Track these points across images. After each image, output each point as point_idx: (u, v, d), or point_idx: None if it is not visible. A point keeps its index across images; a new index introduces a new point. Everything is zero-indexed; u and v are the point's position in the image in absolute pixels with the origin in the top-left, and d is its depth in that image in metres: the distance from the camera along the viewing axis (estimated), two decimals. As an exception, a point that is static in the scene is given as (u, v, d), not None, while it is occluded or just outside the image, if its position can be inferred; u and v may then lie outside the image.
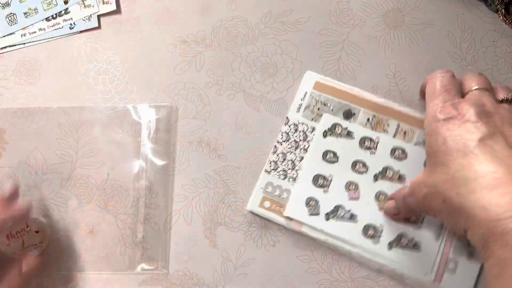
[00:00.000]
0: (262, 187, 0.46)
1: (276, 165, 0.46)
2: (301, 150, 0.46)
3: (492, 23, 0.50)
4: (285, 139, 0.47)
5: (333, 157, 0.45)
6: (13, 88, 0.52)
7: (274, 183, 0.46)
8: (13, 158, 0.50)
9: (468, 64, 0.50)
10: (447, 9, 0.51)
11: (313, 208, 0.44)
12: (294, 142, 0.47)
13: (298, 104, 0.48)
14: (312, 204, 0.44)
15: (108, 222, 0.48)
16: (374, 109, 0.47)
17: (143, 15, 0.53)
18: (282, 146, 0.47)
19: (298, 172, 0.46)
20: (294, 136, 0.47)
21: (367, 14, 0.51)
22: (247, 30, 0.52)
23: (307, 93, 0.48)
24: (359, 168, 0.45)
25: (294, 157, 0.46)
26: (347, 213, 0.44)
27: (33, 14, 0.53)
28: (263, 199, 0.46)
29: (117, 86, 0.51)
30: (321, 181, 0.45)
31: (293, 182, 0.46)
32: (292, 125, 0.47)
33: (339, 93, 0.48)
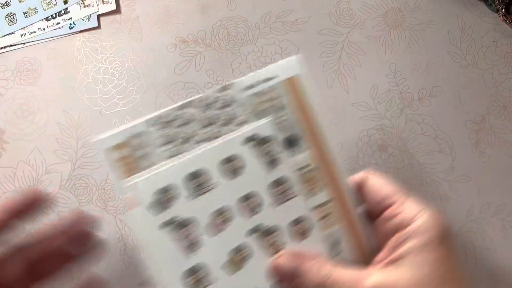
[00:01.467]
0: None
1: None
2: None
3: (492, 23, 0.50)
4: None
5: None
6: (12, 88, 0.52)
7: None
8: (13, 158, 0.50)
9: (468, 64, 0.49)
10: (447, 9, 0.51)
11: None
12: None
13: (251, 82, 0.32)
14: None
15: (107, 222, 0.48)
16: (323, 161, 0.33)
17: (143, 15, 0.53)
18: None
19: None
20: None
21: (367, 14, 0.51)
22: (247, 30, 0.52)
23: (274, 80, 0.33)
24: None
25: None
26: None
27: (33, 14, 0.53)
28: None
29: (116, 86, 0.51)
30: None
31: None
32: (231, 99, 0.32)
33: (305, 110, 0.33)
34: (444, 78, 0.49)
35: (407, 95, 0.49)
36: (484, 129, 0.48)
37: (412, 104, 0.49)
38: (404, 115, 0.49)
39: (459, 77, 0.49)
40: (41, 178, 0.49)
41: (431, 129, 0.48)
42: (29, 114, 0.51)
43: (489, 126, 0.48)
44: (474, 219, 0.47)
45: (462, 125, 0.49)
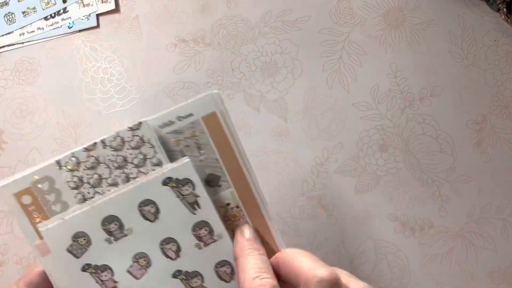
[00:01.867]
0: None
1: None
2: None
3: (494, 22, 0.50)
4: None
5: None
6: (11, 87, 0.52)
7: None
8: (12, 158, 0.50)
9: (469, 63, 0.49)
10: (448, 8, 0.51)
11: None
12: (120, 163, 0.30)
13: (168, 119, 0.30)
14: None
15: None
16: (246, 199, 0.32)
17: (142, 14, 0.52)
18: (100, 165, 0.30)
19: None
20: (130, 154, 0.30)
21: (368, 13, 0.51)
22: (247, 29, 0.51)
23: (192, 117, 0.31)
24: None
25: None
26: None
27: (32, 13, 0.53)
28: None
29: (116, 86, 0.51)
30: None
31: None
32: (144, 139, 0.30)
33: (225, 148, 0.31)
34: (445, 78, 0.49)
35: (408, 95, 0.49)
36: (485, 129, 0.48)
37: (413, 104, 0.49)
38: (405, 115, 0.49)
39: (460, 77, 0.49)
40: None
41: (432, 129, 0.48)
42: (28, 114, 0.51)
43: (490, 126, 0.48)
44: (475, 219, 0.47)
45: (463, 125, 0.48)
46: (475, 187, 0.47)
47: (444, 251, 0.47)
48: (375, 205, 0.47)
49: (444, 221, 0.47)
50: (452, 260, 0.47)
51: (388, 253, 0.47)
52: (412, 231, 0.47)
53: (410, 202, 0.47)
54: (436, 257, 0.47)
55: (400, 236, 0.47)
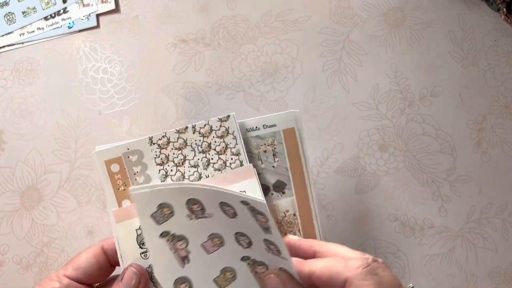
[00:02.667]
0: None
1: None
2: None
3: (494, 22, 0.50)
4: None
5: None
6: (11, 87, 0.52)
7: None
8: (12, 158, 0.50)
9: (469, 63, 0.49)
10: (448, 8, 0.51)
11: None
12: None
13: (253, 124, 0.37)
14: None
15: (107, 223, 0.47)
16: (302, 209, 0.36)
17: (142, 14, 0.52)
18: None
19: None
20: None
21: (368, 13, 0.51)
22: (247, 29, 0.51)
23: (274, 128, 0.36)
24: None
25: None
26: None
27: (32, 13, 0.53)
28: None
29: (116, 86, 0.51)
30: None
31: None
32: (229, 130, 0.35)
33: (295, 160, 0.37)
34: (445, 78, 0.49)
35: (408, 95, 0.49)
36: (486, 129, 0.48)
37: (413, 104, 0.49)
38: (405, 115, 0.49)
39: (460, 77, 0.49)
40: (40, 179, 0.49)
41: (432, 129, 0.48)
42: (27, 114, 0.51)
43: (491, 126, 0.48)
44: (475, 219, 0.47)
45: (464, 125, 0.48)
46: (475, 187, 0.47)
47: (444, 251, 0.47)
48: (375, 205, 0.47)
49: (444, 221, 0.47)
50: (452, 260, 0.47)
51: (388, 253, 0.47)
52: (412, 231, 0.47)
53: (410, 202, 0.47)
54: (436, 257, 0.47)
55: (400, 236, 0.47)
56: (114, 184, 0.34)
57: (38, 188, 0.49)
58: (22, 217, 0.49)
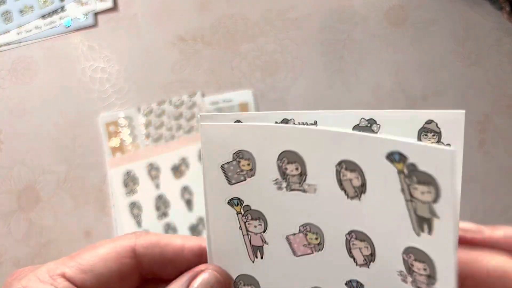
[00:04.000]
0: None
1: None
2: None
3: (496, 21, 0.50)
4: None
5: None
6: (8, 87, 0.51)
7: None
8: (9, 158, 0.49)
9: (472, 63, 0.49)
10: (450, 7, 0.50)
11: None
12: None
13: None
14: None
15: (104, 224, 0.47)
16: None
17: (141, 13, 0.52)
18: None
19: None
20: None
21: (369, 11, 0.51)
22: (247, 28, 0.51)
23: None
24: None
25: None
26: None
27: (29, 12, 0.53)
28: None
29: (114, 85, 0.51)
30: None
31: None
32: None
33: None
34: (447, 77, 0.49)
35: (410, 94, 0.48)
36: (488, 129, 0.48)
37: (415, 103, 0.48)
38: (406, 114, 0.48)
39: (463, 76, 0.49)
40: (37, 179, 0.49)
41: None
42: (25, 113, 0.50)
43: (493, 126, 0.48)
44: (478, 220, 0.47)
45: (466, 125, 0.48)
46: (478, 188, 0.47)
47: (446, 253, 0.46)
48: (377, 206, 0.47)
49: (446, 222, 0.47)
50: (454, 262, 0.46)
51: (390, 255, 0.47)
52: (414, 233, 0.47)
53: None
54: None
55: (402, 237, 0.47)
56: (109, 138, 0.40)
57: (35, 189, 0.49)
58: (19, 218, 0.49)
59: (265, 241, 0.21)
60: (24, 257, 0.48)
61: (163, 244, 0.22)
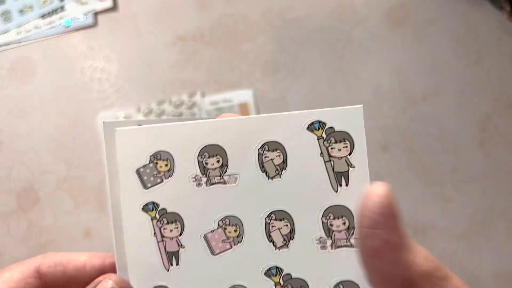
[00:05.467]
0: None
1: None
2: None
3: (497, 21, 0.50)
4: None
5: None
6: (7, 87, 0.51)
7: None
8: (8, 158, 0.49)
9: (472, 62, 0.49)
10: (451, 7, 0.50)
11: None
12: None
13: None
14: None
15: (105, 224, 0.47)
16: None
17: (140, 12, 0.52)
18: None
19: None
20: None
21: (370, 11, 0.50)
22: (247, 28, 0.51)
23: None
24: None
25: None
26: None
27: (29, 12, 0.53)
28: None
29: (114, 85, 0.51)
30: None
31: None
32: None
33: None
34: (448, 77, 0.49)
35: (410, 94, 0.48)
36: (489, 129, 0.48)
37: (415, 103, 0.48)
38: (407, 114, 0.48)
39: (463, 76, 0.49)
40: (37, 179, 0.49)
41: (435, 129, 0.48)
42: (24, 113, 0.50)
43: (494, 126, 0.48)
44: (478, 221, 0.46)
45: (467, 125, 0.48)
46: (478, 188, 0.47)
47: (447, 253, 0.46)
48: (377, 206, 0.47)
49: (447, 223, 0.47)
50: (455, 262, 0.46)
51: (390, 255, 0.46)
52: (414, 233, 0.47)
53: (412, 203, 0.47)
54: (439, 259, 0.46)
55: (402, 237, 0.46)
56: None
57: (35, 189, 0.49)
58: (18, 218, 0.49)
59: (181, 245, 0.20)
60: (23, 257, 0.48)
61: (66, 262, 0.23)
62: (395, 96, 0.48)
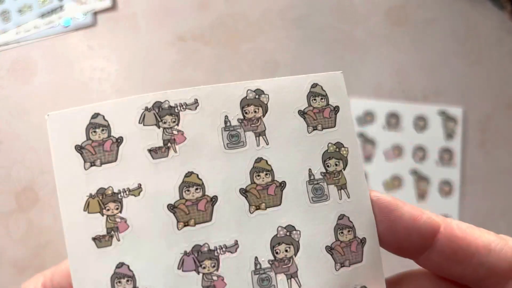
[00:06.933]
0: None
1: None
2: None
3: (497, 21, 0.50)
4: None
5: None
6: (7, 87, 0.51)
7: None
8: (8, 158, 0.49)
9: (473, 62, 0.49)
10: (451, 6, 0.50)
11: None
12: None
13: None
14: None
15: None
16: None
17: (140, 12, 0.52)
18: None
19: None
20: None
21: (370, 11, 0.50)
22: (247, 27, 0.51)
23: None
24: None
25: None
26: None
27: (28, 11, 0.52)
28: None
29: (113, 85, 0.50)
30: None
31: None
32: None
33: None
34: (448, 77, 0.49)
35: (410, 94, 0.48)
36: (489, 129, 0.48)
37: (416, 103, 0.48)
38: (407, 114, 0.48)
39: (464, 76, 0.49)
40: (36, 179, 0.49)
41: (435, 129, 0.48)
42: (24, 113, 0.50)
43: (494, 126, 0.48)
44: (479, 221, 0.46)
45: (467, 125, 0.48)
46: (479, 188, 0.47)
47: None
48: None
49: (447, 223, 0.46)
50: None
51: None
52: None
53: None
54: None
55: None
56: None
57: (34, 189, 0.49)
58: (18, 219, 0.48)
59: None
60: (22, 258, 0.48)
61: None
62: (395, 96, 0.48)
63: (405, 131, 0.47)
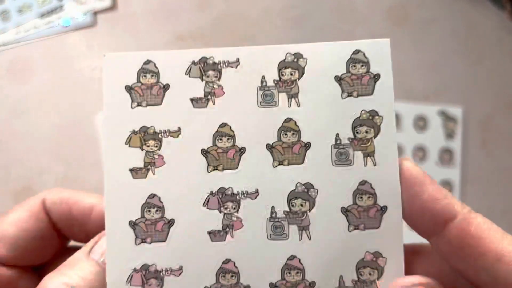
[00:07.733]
0: None
1: None
2: None
3: (498, 21, 0.50)
4: None
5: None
6: (6, 87, 0.51)
7: None
8: (7, 158, 0.49)
9: (473, 62, 0.49)
10: (451, 6, 0.50)
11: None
12: None
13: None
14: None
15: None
16: None
17: (140, 12, 0.52)
18: None
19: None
20: None
21: (371, 10, 0.50)
22: (247, 27, 0.51)
23: None
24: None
25: None
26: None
27: (27, 11, 0.52)
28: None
29: (113, 85, 0.50)
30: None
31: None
32: None
33: None
34: (449, 77, 0.49)
35: (410, 94, 0.48)
36: (490, 128, 0.48)
37: (416, 103, 0.48)
38: (407, 114, 0.48)
39: (464, 76, 0.49)
40: (35, 179, 0.49)
41: (436, 129, 0.48)
42: (23, 113, 0.50)
43: (495, 126, 0.48)
44: (479, 221, 0.46)
45: (467, 125, 0.48)
46: (479, 189, 0.47)
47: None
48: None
49: (448, 223, 0.46)
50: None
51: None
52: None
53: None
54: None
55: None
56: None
57: (33, 189, 0.49)
58: (17, 219, 0.48)
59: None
60: (22, 258, 0.48)
61: (72, 201, 0.21)
62: (396, 96, 0.48)
63: (405, 131, 0.46)
